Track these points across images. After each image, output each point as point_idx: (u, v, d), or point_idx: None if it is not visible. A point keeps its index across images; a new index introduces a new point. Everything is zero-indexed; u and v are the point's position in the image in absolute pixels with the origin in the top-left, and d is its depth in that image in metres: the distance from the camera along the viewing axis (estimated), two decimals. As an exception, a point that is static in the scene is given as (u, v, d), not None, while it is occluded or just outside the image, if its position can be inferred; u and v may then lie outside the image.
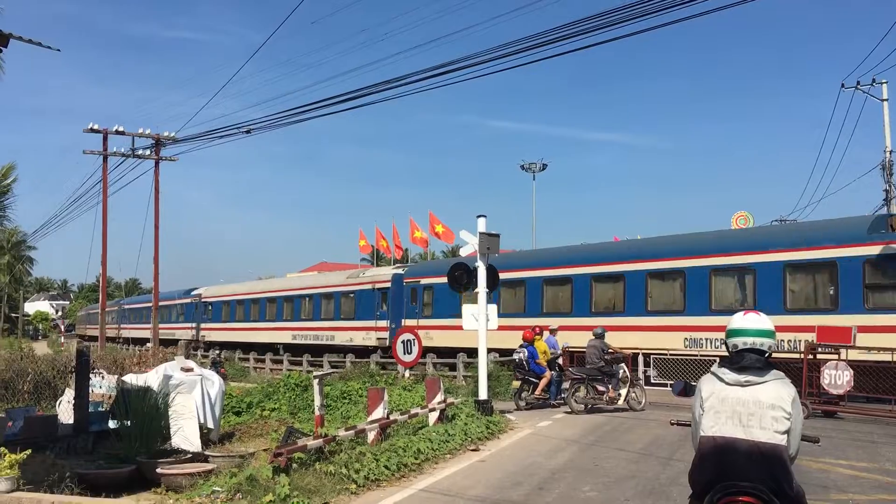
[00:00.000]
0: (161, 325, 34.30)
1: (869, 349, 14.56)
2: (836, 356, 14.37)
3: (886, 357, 14.55)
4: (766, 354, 3.99)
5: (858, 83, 27.40)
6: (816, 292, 16.90)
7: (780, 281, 17.27)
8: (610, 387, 15.00)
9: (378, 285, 29.41)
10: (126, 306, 54.75)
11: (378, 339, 28.62)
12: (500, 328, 15.24)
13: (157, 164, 28.77)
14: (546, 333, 17.90)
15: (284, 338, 34.64)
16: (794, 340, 15.97)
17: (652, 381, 18.87)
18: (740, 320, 4.07)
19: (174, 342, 39.35)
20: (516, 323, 19.76)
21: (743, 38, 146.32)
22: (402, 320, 27.60)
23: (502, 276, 17.44)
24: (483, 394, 13.96)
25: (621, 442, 11.33)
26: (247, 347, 36.49)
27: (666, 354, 19.09)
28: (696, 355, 18.30)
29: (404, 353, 16.50)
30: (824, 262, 16.55)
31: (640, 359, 19.29)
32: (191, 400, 10.93)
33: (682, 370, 18.29)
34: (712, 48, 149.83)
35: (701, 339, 18.48)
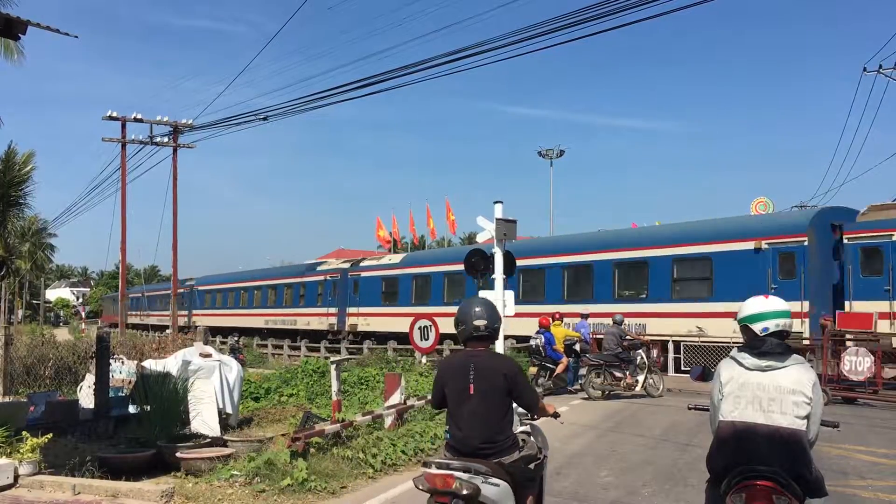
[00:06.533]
0: (160, 313, 35.75)
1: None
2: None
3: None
4: (785, 336, 3.93)
5: (881, 66, 26.95)
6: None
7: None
8: (627, 373, 14.97)
9: (329, 277, 33.65)
10: (131, 295, 55.61)
11: (329, 324, 32.94)
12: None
13: (175, 151, 28.67)
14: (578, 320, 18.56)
15: (258, 323, 38.29)
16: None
17: (682, 367, 18.85)
18: (754, 304, 3.99)
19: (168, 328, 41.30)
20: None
21: (763, 22, 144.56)
22: (346, 308, 31.94)
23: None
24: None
25: (639, 428, 11.31)
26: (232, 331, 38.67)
27: (699, 341, 19.04)
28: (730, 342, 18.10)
29: (421, 340, 16.50)
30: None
31: (671, 345, 19.38)
32: (209, 385, 10.99)
33: (710, 356, 18.29)
34: (732, 33, 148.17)
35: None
